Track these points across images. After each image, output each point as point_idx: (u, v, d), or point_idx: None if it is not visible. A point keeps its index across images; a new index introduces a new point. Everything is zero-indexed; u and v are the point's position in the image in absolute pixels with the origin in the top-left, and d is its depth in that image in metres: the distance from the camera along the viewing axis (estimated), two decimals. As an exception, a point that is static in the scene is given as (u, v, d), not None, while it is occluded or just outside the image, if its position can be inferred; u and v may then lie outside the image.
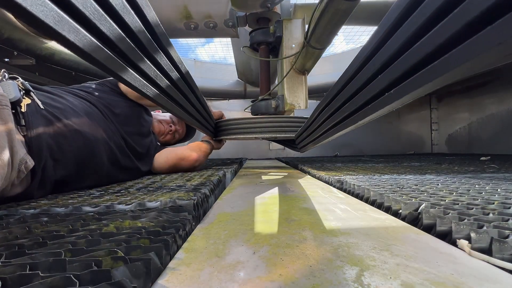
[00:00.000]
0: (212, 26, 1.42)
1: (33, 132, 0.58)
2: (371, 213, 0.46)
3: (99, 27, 0.29)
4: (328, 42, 0.88)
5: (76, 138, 0.67)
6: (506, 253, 0.26)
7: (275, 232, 0.37)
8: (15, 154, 0.51)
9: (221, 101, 2.70)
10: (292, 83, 1.19)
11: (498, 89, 2.05)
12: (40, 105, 0.62)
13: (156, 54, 0.44)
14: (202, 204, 0.50)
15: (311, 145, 0.87)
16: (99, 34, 0.30)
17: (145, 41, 0.39)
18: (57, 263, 0.24)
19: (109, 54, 0.32)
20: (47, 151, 0.60)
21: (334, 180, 0.77)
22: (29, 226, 0.36)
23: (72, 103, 0.72)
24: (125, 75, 0.36)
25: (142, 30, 0.38)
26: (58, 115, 0.65)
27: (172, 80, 0.52)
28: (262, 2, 1.04)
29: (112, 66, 0.33)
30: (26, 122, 0.57)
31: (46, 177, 0.61)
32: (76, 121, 0.68)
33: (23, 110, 0.58)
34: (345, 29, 2.13)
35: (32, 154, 0.57)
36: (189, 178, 0.82)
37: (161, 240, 0.29)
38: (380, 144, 2.70)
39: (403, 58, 0.29)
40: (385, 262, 0.27)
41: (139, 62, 0.39)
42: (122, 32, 0.33)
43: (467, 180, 0.69)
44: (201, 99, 0.80)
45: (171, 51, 0.50)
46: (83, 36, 0.27)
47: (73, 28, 0.26)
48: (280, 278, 0.24)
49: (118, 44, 0.33)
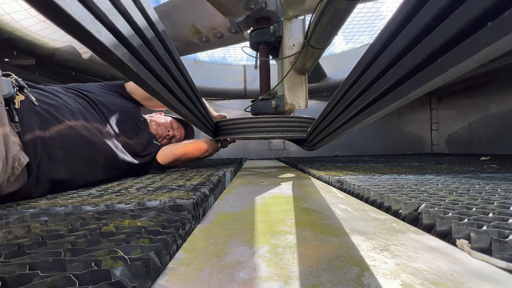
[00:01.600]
0: (219, 36, 1.62)
1: (27, 129, 0.58)
2: (371, 213, 0.46)
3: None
4: (328, 42, 0.87)
5: (70, 135, 0.67)
6: (506, 253, 0.26)
7: (275, 232, 0.37)
8: (9, 151, 0.51)
9: (221, 101, 2.70)
10: (292, 83, 1.19)
11: (498, 89, 2.05)
12: (34, 102, 0.62)
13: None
14: (202, 204, 0.50)
15: (324, 142, 0.87)
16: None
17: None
18: (56, 262, 0.24)
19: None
20: (42, 148, 0.60)
21: (334, 180, 0.77)
22: (29, 226, 0.36)
23: (65, 100, 0.72)
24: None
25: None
26: (52, 111, 0.65)
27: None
28: (245, 5, 1.05)
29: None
30: (20, 119, 0.57)
31: (42, 174, 0.61)
32: (70, 118, 0.68)
33: (16, 106, 0.58)
34: (345, 29, 2.13)
35: (27, 150, 0.57)
36: (189, 178, 0.82)
37: (161, 240, 0.29)
38: (380, 144, 2.70)
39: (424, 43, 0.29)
40: (385, 262, 0.27)
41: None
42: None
43: (467, 180, 0.69)
44: (193, 86, 0.77)
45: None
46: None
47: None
48: (280, 278, 0.24)
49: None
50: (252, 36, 1.30)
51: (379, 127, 2.69)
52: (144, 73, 0.40)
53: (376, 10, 1.87)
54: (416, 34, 0.29)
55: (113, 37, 0.29)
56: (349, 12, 0.68)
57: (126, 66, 0.34)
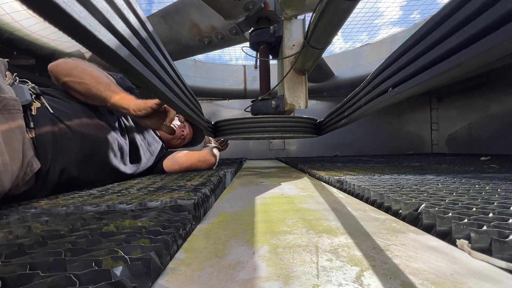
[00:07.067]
0: (220, 38, 1.60)
1: (41, 135, 0.60)
2: (371, 213, 0.46)
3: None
4: (328, 42, 0.87)
5: (80, 141, 0.68)
6: (506, 253, 0.26)
7: (275, 232, 0.37)
8: (25, 157, 0.53)
9: (221, 101, 2.70)
10: (292, 83, 1.19)
11: (498, 89, 2.05)
12: (50, 109, 0.64)
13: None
14: (203, 204, 0.50)
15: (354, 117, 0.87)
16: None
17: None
18: (57, 262, 0.24)
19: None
20: (53, 154, 0.62)
21: (334, 180, 0.77)
22: (30, 226, 0.36)
23: (76, 106, 0.72)
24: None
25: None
26: (63, 118, 0.66)
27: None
28: (244, 6, 1.05)
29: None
30: (35, 125, 0.59)
31: (49, 179, 0.62)
32: (81, 125, 0.69)
33: (33, 113, 0.60)
34: (345, 29, 2.13)
35: (38, 156, 0.58)
36: (190, 178, 0.82)
37: (161, 240, 0.29)
38: (380, 144, 2.70)
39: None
40: (385, 262, 0.27)
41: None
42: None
43: (467, 180, 0.69)
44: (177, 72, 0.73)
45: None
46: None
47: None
48: (280, 278, 0.24)
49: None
50: (252, 36, 1.30)
51: (379, 127, 2.70)
52: (145, 71, 0.40)
53: (376, 10, 1.87)
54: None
55: (114, 38, 0.29)
56: (349, 12, 0.68)
57: (129, 66, 0.34)
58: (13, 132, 0.51)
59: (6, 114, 0.51)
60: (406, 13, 2.21)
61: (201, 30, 1.57)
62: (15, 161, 0.51)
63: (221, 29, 1.55)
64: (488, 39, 0.29)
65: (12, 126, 0.51)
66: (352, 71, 2.31)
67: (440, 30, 0.39)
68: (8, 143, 0.50)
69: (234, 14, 1.09)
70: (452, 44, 0.36)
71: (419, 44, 0.45)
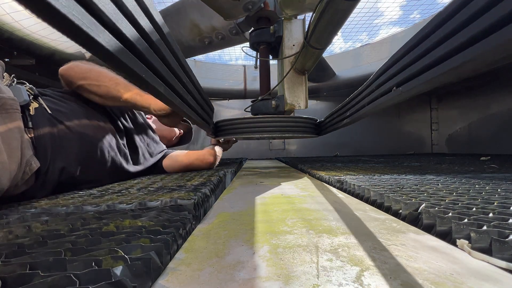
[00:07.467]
0: (220, 38, 1.61)
1: (40, 134, 0.60)
2: (371, 213, 0.46)
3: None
4: (328, 42, 0.87)
5: (79, 141, 0.68)
6: (506, 253, 0.26)
7: (275, 232, 0.37)
8: (23, 156, 0.53)
9: (221, 101, 2.70)
10: (292, 83, 1.19)
11: (498, 89, 2.05)
12: (48, 110, 0.64)
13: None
14: (203, 204, 0.50)
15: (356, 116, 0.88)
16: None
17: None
18: (57, 262, 0.24)
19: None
20: (52, 154, 0.62)
21: (334, 180, 0.77)
22: (29, 226, 0.36)
23: (74, 107, 0.72)
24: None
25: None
26: (61, 119, 0.66)
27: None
28: (244, 6, 1.05)
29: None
30: (34, 125, 0.60)
31: (49, 179, 0.62)
32: (79, 125, 0.69)
33: (31, 113, 0.60)
34: (345, 29, 2.13)
35: (38, 155, 0.59)
36: (190, 178, 0.82)
37: (161, 239, 0.29)
38: (380, 144, 2.70)
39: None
40: (385, 262, 0.27)
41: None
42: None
43: (467, 180, 0.69)
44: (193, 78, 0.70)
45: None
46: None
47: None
48: (280, 278, 0.24)
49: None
50: (252, 36, 1.30)
51: (379, 127, 2.70)
52: (149, 76, 0.40)
53: (376, 10, 1.87)
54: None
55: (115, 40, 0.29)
56: (349, 12, 0.68)
57: (133, 71, 0.33)
58: (11, 131, 0.52)
59: (4, 114, 0.51)
60: (406, 13, 2.22)
61: (201, 31, 1.58)
62: (13, 160, 0.51)
63: (221, 29, 1.56)
64: (499, 34, 0.29)
65: (10, 125, 0.52)
66: (352, 71, 2.31)
67: (448, 26, 0.39)
68: (6, 142, 0.50)
69: (234, 14, 1.09)
70: (461, 40, 0.35)
71: (425, 41, 0.45)
